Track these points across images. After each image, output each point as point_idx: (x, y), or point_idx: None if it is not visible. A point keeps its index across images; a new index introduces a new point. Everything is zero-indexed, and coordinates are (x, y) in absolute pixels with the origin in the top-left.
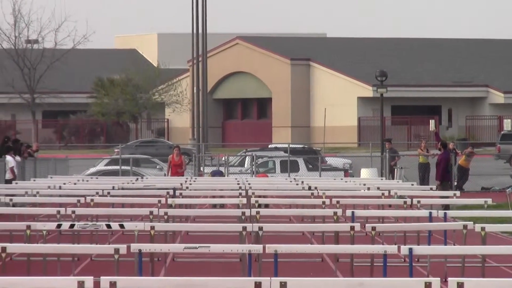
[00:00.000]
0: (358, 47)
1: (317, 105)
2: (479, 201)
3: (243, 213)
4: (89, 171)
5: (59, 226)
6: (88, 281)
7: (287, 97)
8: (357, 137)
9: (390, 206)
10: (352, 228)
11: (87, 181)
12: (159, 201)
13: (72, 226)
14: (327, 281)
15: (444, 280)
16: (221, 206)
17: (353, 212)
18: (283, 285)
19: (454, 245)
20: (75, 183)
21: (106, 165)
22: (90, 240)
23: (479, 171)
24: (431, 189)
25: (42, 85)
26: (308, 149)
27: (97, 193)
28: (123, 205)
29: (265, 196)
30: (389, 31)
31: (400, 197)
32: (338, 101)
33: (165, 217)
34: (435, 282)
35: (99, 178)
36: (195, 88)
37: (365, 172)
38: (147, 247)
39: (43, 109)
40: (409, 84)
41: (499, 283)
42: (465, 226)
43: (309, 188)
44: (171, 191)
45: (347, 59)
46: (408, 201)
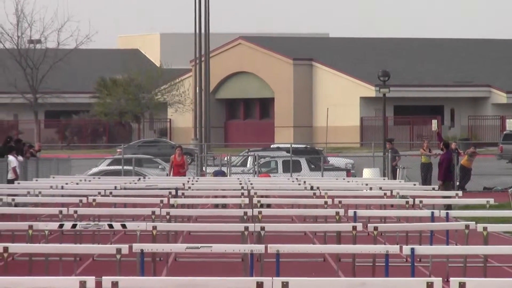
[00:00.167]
0: (361, 47)
1: (320, 105)
2: (481, 201)
3: (245, 213)
4: (92, 171)
5: (61, 226)
6: (90, 281)
7: (290, 97)
8: (360, 137)
9: (392, 206)
10: (354, 228)
11: (89, 181)
12: (161, 201)
13: (74, 226)
14: (329, 281)
15: (446, 280)
16: (223, 206)
17: (355, 212)
18: (285, 285)
19: (456, 245)
20: (77, 183)
21: (109, 165)
22: (92, 240)
23: (482, 171)
24: (433, 189)
25: (45, 85)
26: (311, 149)
27: (99, 193)
28: (125, 205)
29: (267, 196)
30: (391, 31)
31: (402, 197)
32: (341, 101)
33: (167, 217)
34: (437, 282)
35: (101, 178)
36: (198, 88)
37: (367, 172)
38: (149, 247)
39: (46, 109)
40: (412, 84)
41: (501, 283)
42: (467, 226)
43: (311, 188)
44: (173, 191)
45: (350, 59)
46: (410, 201)
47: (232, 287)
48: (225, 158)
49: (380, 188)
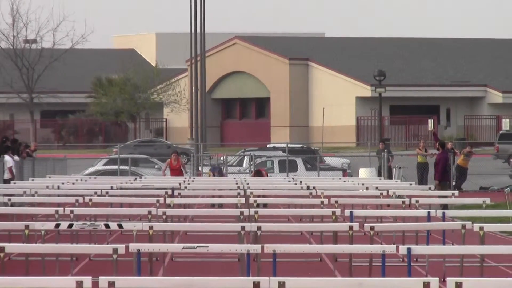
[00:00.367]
0: (357, 47)
1: (316, 105)
2: (478, 201)
3: (242, 213)
4: (88, 171)
5: (58, 226)
6: (87, 281)
7: (286, 97)
8: (356, 137)
9: (389, 206)
10: (351, 228)
11: (86, 181)
12: (158, 201)
13: (71, 226)
14: (326, 281)
15: (443, 280)
16: (220, 206)
17: (352, 212)
18: (282, 285)
19: (453, 245)
20: (74, 183)
21: (105, 165)
22: (89, 240)
23: (478, 171)
24: (430, 189)
25: (41, 85)
26: (307, 149)
27: (96, 193)
28: (122, 205)
29: (264, 196)
30: (388, 31)
31: (399, 197)
32: (337, 101)
33: (164, 217)
34: (434, 282)
35: (98, 178)
36: (194, 88)
37: (364, 172)
38: (146, 247)
39: (42, 109)
40: (408, 84)
41: (498, 283)
42: (464, 226)
43: (308, 188)
44: (170, 191)
45: (346, 59)
46: (407, 201)
47: (229, 287)
48: (221, 158)
49: (377, 188)
